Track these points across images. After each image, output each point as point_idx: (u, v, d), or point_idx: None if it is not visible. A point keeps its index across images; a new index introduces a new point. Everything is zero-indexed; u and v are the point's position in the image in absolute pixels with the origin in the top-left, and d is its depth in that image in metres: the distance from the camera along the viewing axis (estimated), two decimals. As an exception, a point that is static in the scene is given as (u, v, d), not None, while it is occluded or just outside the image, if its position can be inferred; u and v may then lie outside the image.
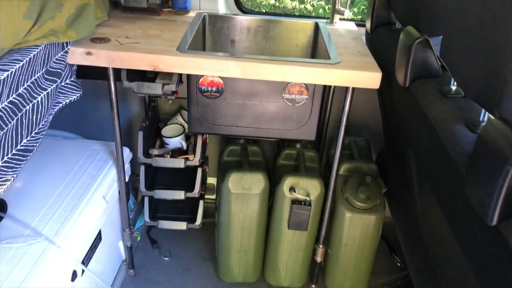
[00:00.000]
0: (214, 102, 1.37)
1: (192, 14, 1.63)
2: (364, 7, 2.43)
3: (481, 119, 0.83)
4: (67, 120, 1.95)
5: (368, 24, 1.52)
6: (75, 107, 1.81)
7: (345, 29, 1.61)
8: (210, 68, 1.25)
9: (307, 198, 1.50)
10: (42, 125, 1.12)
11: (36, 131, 1.09)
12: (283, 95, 1.35)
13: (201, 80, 1.34)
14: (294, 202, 1.51)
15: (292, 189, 1.49)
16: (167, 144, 1.69)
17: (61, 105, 1.26)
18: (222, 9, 1.72)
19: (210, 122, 1.41)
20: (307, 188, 1.50)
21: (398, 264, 1.88)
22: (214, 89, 1.35)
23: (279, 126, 1.40)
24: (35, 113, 1.08)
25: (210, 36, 1.67)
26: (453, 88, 0.96)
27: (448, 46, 0.90)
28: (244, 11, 1.75)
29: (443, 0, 1.07)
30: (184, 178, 1.77)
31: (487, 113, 0.83)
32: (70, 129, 1.88)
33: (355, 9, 2.45)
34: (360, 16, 2.49)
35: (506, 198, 0.61)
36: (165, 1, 1.62)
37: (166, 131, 1.72)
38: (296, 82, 1.31)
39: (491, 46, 0.72)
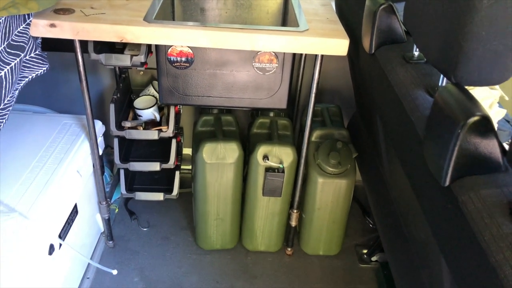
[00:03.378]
0: (184, 72, 1.37)
1: (159, -18, 1.59)
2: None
3: (440, 84, 0.86)
4: (37, 94, 1.91)
5: (337, -10, 1.52)
6: (44, 81, 1.77)
7: (314, -5, 1.60)
8: (178, 38, 1.24)
9: (280, 166, 1.53)
10: (8, 101, 1.10)
11: (1, 107, 1.07)
12: (253, 64, 1.35)
13: (169, 50, 1.32)
14: (268, 169, 1.54)
15: (265, 157, 1.52)
16: (140, 116, 1.68)
17: (27, 79, 1.24)
18: (190, -24, 1.68)
19: (181, 92, 1.41)
20: (280, 155, 1.53)
21: (371, 226, 1.95)
22: (183, 59, 1.34)
23: (251, 95, 1.41)
24: (-1, 88, 1.06)
25: (179, 4, 1.64)
26: (416, 54, 0.99)
27: (411, 12, 0.92)
28: (213, -22, 1.72)
29: None
30: (159, 150, 1.78)
31: (445, 78, 0.86)
32: (40, 103, 1.85)
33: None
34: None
35: (458, 160, 0.64)
36: (131, -31, 1.57)
37: (138, 102, 1.71)
38: (265, 50, 1.31)
39: (449, 12, 0.74)
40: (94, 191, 1.66)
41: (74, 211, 1.46)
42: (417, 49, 0.99)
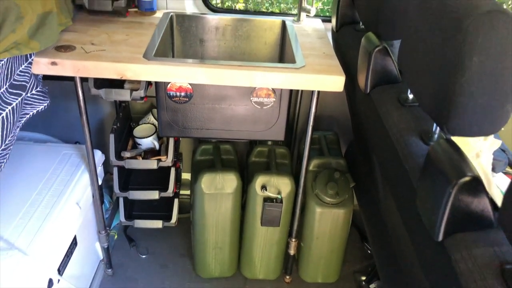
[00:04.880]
0: (183, 106, 1.39)
1: (159, 14, 1.62)
2: None
3: (433, 130, 0.88)
4: (37, 120, 1.92)
5: (333, 22, 1.54)
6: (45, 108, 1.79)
7: (311, 27, 1.63)
8: (177, 75, 1.26)
9: (279, 196, 1.54)
10: (9, 140, 1.12)
11: (3, 147, 1.08)
12: (251, 98, 1.37)
13: (169, 86, 1.34)
14: (266, 200, 1.55)
15: (263, 187, 1.53)
16: (139, 144, 1.69)
17: (28, 116, 1.26)
18: (190, 8, 1.71)
19: (180, 126, 1.42)
20: (278, 185, 1.54)
21: (369, 252, 1.95)
22: (182, 94, 1.36)
23: (249, 127, 1.43)
24: (0, 129, 1.07)
25: (178, 36, 1.67)
26: (410, 96, 1.00)
27: (404, 56, 0.94)
28: (212, 9, 1.75)
29: (400, 12, 1.10)
30: (158, 176, 1.79)
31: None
32: (40, 129, 1.86)
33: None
34: (330, 7, 2.50)
35: (450, 217, 0.66)
36: (131, 2, 1.59)
37: (138, 131, 1.72)
38: (263, 87, 1.33)
39: (441, 66, 0.76)
40: (94, 220, 1.66)
41: (73, 243, 1.46)
42: (411, 92, 1.01)
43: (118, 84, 1.45)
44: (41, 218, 1.31)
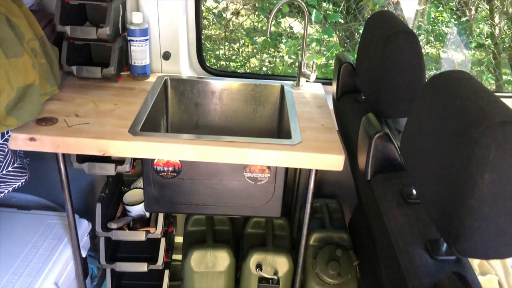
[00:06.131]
0: (171, 181, 1.29)
1: (152, 78, 1.56)
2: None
3: (441, 241, 0.76)
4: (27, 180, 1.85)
5: (334, 89, 1.46)
6: (34, 168, 1.71)
7: (311, 93, 1.55)
8: (164, 152, 1.17)
9: (275, 277, 1.42)
10: (-25, 227, 1.03)
11: (-34, 237, 0.99)
12: (244, 173, 1.28)
13: (156, 161, 1.26)
14: (261, 280, 1.43)
15: (258, 266, 1.41)
16: (129, 211, 1.60)
17: (2, 195, 1.17)
18: (186, 71, 1.65)
19: (168, 201, 1.33)
20: (275, 264, 1.42)
21: (375, 329, 1.79)
22: (170, 169, 1.27)
23: (242, 203, 1.33)
24: (-34, 217, 0.99)
25: (173, 99, 1.60)
26: (414, 191, 0.90)
27: (407, 149, 0.84)
28: (209, 71, 1.68)
29: (402, 94, 1.01)
30: (148, 245, 1.68)
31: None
32: (30, 189, 1.77)
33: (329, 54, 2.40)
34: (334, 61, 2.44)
35: None
36: (122, 67, 1.53)
37: (128, 197, 1.63)
38: (255, 164, 1.24)
39: (448, 172, 0.66)
40: (77, 294, 1.55)
41: (50, 328, 1.35)
42: (416, 187, 0.90)
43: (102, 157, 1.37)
44: (12, 305, 1.20)
